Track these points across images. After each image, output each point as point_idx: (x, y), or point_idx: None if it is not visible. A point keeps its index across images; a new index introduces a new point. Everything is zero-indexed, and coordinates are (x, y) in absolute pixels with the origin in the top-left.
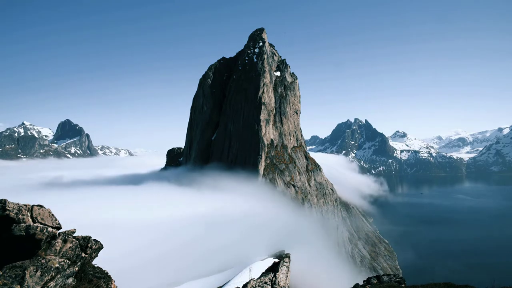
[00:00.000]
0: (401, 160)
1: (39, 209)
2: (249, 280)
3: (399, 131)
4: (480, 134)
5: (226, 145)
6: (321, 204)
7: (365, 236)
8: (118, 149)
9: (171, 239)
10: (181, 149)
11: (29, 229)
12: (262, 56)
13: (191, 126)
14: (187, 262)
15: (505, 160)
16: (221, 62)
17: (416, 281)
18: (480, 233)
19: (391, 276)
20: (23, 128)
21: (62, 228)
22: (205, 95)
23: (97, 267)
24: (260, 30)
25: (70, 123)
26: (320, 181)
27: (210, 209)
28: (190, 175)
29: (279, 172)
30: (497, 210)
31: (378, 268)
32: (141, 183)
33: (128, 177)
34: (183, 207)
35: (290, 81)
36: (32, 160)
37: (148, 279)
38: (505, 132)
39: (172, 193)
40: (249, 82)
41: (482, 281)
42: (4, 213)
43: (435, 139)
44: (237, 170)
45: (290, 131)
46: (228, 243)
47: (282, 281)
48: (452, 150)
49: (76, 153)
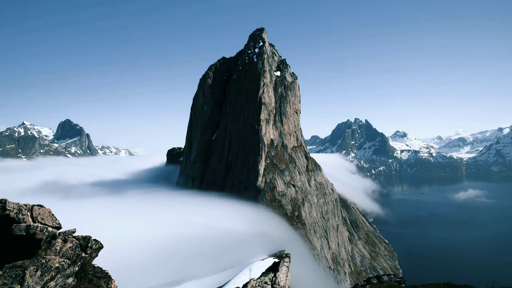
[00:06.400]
0: (401, 160)
1: (39, 209)
2: (249, 280)
3: (399, 131)
4: (480, 134)
5: (226, 145)
6: (321, 204)
7: (365, 236)
8: (118, 149)
9: (171, 239)
10: (181, 149)
11: (29, 229)
12: (262, 56)
13: (191, 126)
14: (187, 262)
15: (505, 160)
16: (221, 62)
17: (416, 281)
18: (480, 233)
19: (391, 276)
20: (23, 128)
21: (62, 228)
22: (205, 95)
23: (97, 267)
24: (260, 30)
25: (70, 123)
26: (320, 181)
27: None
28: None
29: (279, 172)
30: (497, 210)
31: (378, 268)
32: (142, 185)
33: (129, 177)
34: (184, 211)
35: (290, 81)
36: (32, 160)
37: (148, 279)
38: (505, 132)
39: (173, 197)
40: (249, 82)
41: (482, 281)
42: (4, 213)
43: (435, 139)
44: (234, 190)
45: (290, 131)
46: (228, 243)
47: (282, 281)
48: (452, 150)
49: (76, 153)
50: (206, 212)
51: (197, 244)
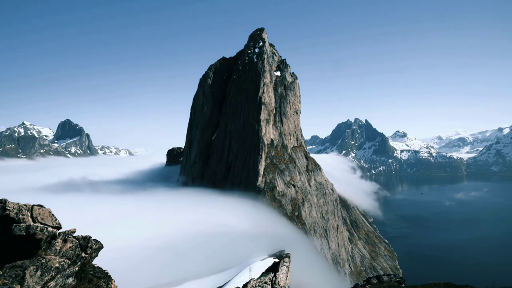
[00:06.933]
0: (401, 160)
1: (39, 209)
2: (249, 280)
3: (399, 131)
4: (480, 134)
5: (226, 145)
6: (321, 204)
7: (365, 236)
8: (118, 149)
9: (171, 239)
10: (181, 149)
11: (29, 229)
12: (262, 56)
13: (191, 126)
14: (187, 262)
15: (505, 160)
16: (221, 62)
17: (416, 281)
18: (480, 233)
19: (391, 276)
20: (23, 128)
21: (62, 228)
22: (205, 95)
23: (97, 267)
24: (260, 30)
25: (70, 123)
26: (320, 181)
27: (209, 213)
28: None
29: (279, 172)
30: (497, 210)
31: (378, 268)
32: (142, 185)
33: (128, 177)
34: (184, 211)
35: (290, 81)
36: (33, 160)
37: (148, 279)
38: (505, 132)
39: (173, 197)
40: (249, 82)
41: (482, 281)
42: (4, 213)
43: (435, 139)
44: (234, 190)
45: (290, 131)
46: (228, 243)
47: (282, 281)
48: (452, 150)
49: (76, 153)
50: (206, 211)
51: (197, 244)
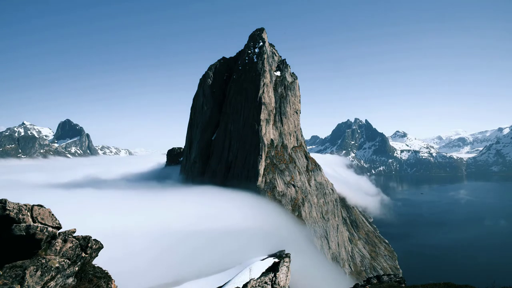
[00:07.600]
0: (401, 160)
1: (39, 209)
2: (249, 280)
3: (399, 131)
4: (480, 134)
5: (226, 145)
6: (321, 204)
7: (365, 236)
8: (118, 149)
9: (171, 239)
10: (181, 149)
11: (29, 229)
12: (262, 56)
13: (191, 126)
14: (188, 262)
15: (505, 160)
16: (221, 62)
17: (416, 281)
18: (480, 233)
19: (391, 276)
20: (23, 128)
21: (62, 228)
22: (205, 95)
23: (97, 267)
24: (260, 30)
25: (70, 123)
26: (320, 181)
27: (209, 212)
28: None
29: (279, 172)
30: (497, 210)
31: (378, 268)
32: (143, 185)
33: (128, 177)
34: (183, 209)
35: (290, 81)
36: (33, 159)
37: (148, 279)
38: (505, 132)
39: (172, 196)
40: (249, 82)
41: (482, 281)
42: (4, 213)
43: (435, 139)
44: (234, 189)
45: (290, 131)
46: (228, 243)
47: (282, 281)
48: (452, 150)
49: (76, 153)
50: (206, 211)
51: (197, 244)
